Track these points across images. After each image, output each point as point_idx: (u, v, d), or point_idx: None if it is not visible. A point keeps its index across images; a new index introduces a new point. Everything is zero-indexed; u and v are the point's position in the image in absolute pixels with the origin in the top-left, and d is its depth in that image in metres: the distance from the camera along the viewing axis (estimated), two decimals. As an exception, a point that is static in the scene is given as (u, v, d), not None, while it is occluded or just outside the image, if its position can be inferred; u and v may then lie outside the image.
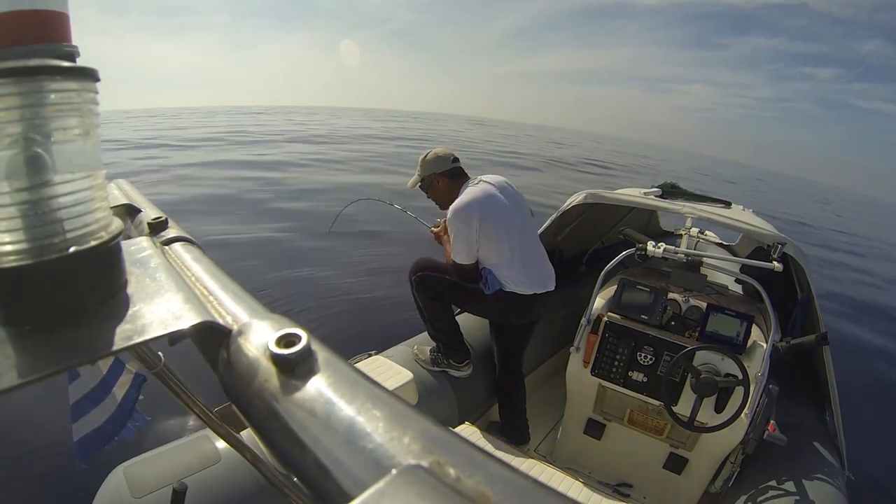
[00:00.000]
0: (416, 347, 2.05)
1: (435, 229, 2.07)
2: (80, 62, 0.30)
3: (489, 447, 1.77)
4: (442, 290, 1.89)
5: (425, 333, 2.15)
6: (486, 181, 1.90)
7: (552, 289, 1.95)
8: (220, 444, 1.28)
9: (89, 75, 0.26)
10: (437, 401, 1.92)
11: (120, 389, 0.49)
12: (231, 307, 0.27)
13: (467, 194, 1.83)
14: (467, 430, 1.85)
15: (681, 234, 2.12)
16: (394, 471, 0.16)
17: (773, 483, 1.64)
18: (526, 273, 1.86)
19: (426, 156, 1.94)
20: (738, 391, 1.60)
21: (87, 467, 0.47)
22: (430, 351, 2.01)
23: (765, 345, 1.65)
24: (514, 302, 1.86)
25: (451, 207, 1.81)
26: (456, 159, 1.94)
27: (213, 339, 0.26)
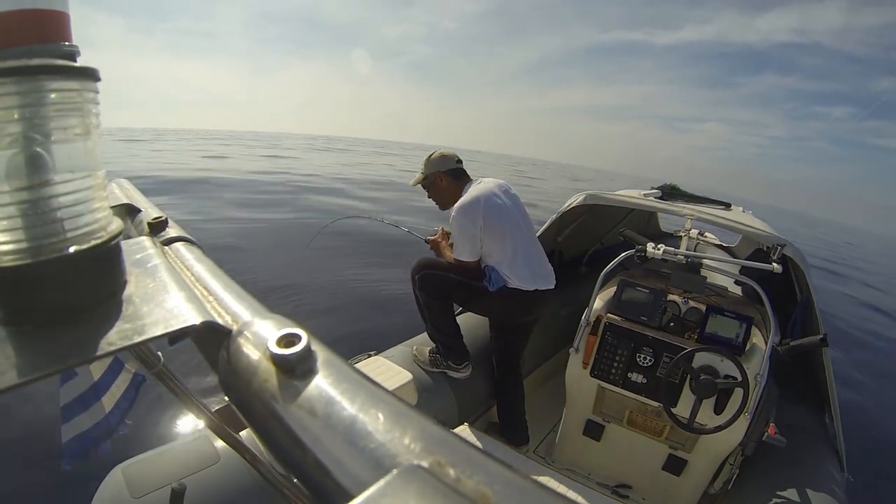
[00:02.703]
0: (415, 348, 2.05)
1: (431, 238, 2.10)
2: (80, 61, 0.30)
3: (489, 448, 1.77)
4: (446, 288, 1.90)
5: (425, 334, 2.14)
6: (487, 182, 1.94)
7: (552, 287, 1.97)
8: (220, 444, 1.27)
9: (90, 75, 0.26)
10: (437, 401, 1.91)
11: (118, 389, 0.49)
12: (231, 307, 0.27)
13: (472, 192, 1.87)
14: (467, 431, 1.85)
15: (680, 236, 2.12)
16: (394, 471, 0.16)
17: (773, 485, 1.64)
18: (528, 269, 1.90)
19: (431, 155, 1.98)
20: (738, 393, 1.59)
21: (69, 468, 0.47)
22: (430, 352, 2.01)
23: (764, 346, 1.65)
24: (518, 298, 1.88)
25: (457, 205, 1.85)
26: (460, 161, 1.98)
27: (213, 338, 0.26)
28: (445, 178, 1.94)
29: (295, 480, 0.20)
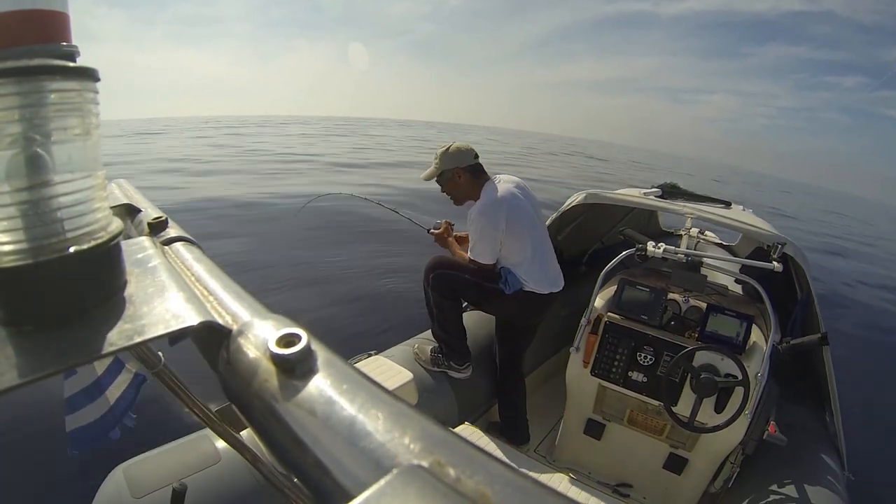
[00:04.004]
0: (416, 346, 2.05)
1: (435, 231, 2.05)
2: (80, 61, 0.30)
3: (489, 447, 1.77)
4: (459, 289, 1.89)
5: (425, 333, 2.14)
6: (506, 181, 1.90)
7: (561, 288, 1.97)
8: (220, 444, 1.28)
9: (89, 75, 0.26)
10: (437, 401, 1.91)
11: (119, 389, 0.49)
12: (231, 307, 0.27)
13: (493, 193, 1.82)
14: (467, 431, 1.85)
15: (681, 235, 2.12)
16: (394, 471, 0.16)
17: (773, 483, 1.64)
18: (544, 272, 1.90)
19: (448, 148, 1.87)
20: (738, 391, 1.59)
21: (77, 454, 0.48)
22: (431, 350, 2.01)
23: (765, 345, 1.65)
24: (532, 301, 1.88)
25: (479, 206, 1.80)
26: (477, 155, 1.91)
27: (213, 338, 0.26)
28: (464, 174, 1.85)
29: (295, 480, 0.20)
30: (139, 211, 0.46)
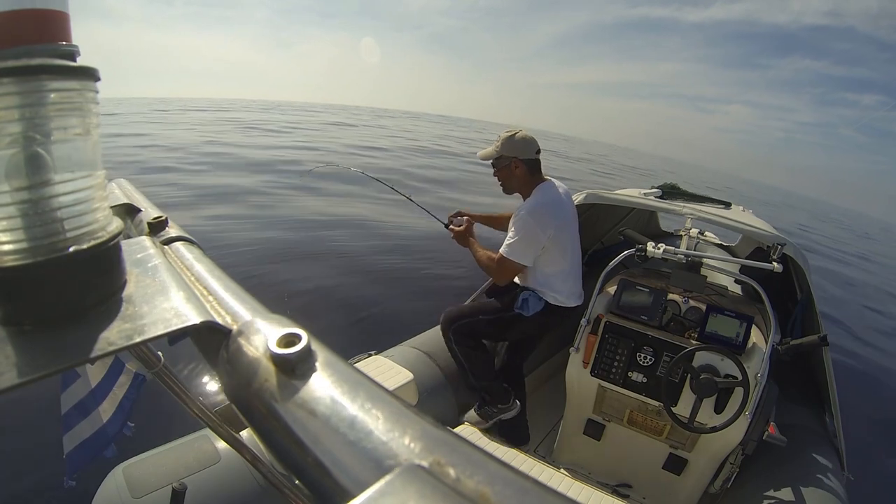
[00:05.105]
0: (466, 417, 1.97)
1: (456, 228, 1.96)
2: (80, 61, 0.30)
3: (489, 447, 1.77)
4: (481, 332, 1.86)
5: (426, 333, 2.14)
6: (557, 186, 1.86)
7: (582, 301, 1.95)
8: (220, 444, 1.27)
9: (90, 75, 0.26)
10: (437, 401, 1.91)
11: (119, 390, 0.49)
12: (231, 307, 0.27)
13: (547, 197, 1.78)
14: (467, 431, 1.85)
15: (681, 235, 2.12)
16: (395, 470, 0.16)
17: (773, 484, 1.64)
18: (575, 285, 1.88)
19: (514, 135, 1.80)
20: (738, 392, 1.59)
21: (74, 483, 0.47)
22: (476, 409, 1.96)
23: (764, 345, 1.65)
24: (555, 315, 1.84)
25: (530, 206, 1.76)
26: (539, 151, 1.84)
27: (213, 338, 0.26)
28: (522, 166, 1.78)
29: (295, 480, 0.20)
30: (139, 211, 0.46)
